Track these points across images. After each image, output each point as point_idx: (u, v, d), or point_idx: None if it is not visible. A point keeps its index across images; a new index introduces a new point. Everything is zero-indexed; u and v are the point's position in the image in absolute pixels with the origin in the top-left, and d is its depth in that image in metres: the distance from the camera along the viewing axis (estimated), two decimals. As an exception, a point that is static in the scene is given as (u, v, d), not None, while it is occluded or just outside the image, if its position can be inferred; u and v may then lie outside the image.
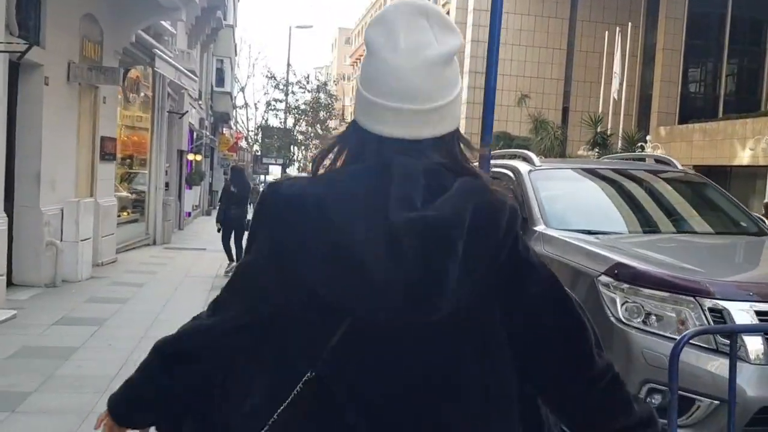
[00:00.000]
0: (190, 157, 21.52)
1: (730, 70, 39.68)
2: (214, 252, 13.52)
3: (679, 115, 40.05)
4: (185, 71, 13.08)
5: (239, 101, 51.36)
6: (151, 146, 14.37)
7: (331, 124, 15.99)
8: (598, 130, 27.25)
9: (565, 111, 43.17)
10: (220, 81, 29.99)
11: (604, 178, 5.35)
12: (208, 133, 25.55)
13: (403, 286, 1.05)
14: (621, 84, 31.34)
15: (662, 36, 39.68)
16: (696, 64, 41.44)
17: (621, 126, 35.03)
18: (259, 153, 36.58)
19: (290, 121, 16.83)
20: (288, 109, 15.94)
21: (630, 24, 31.94)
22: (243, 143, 52.35)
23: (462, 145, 1.28)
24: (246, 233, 12.86)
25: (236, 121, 53.82)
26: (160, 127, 14.66)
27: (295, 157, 15.90)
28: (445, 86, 1.19)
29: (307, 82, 15.77)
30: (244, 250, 1.45)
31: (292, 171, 27.12)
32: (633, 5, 42.17)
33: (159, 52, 10.67)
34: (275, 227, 1.15)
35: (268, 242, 1.17)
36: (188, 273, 10.64)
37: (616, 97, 31.25)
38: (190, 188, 20.74)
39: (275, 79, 16.55)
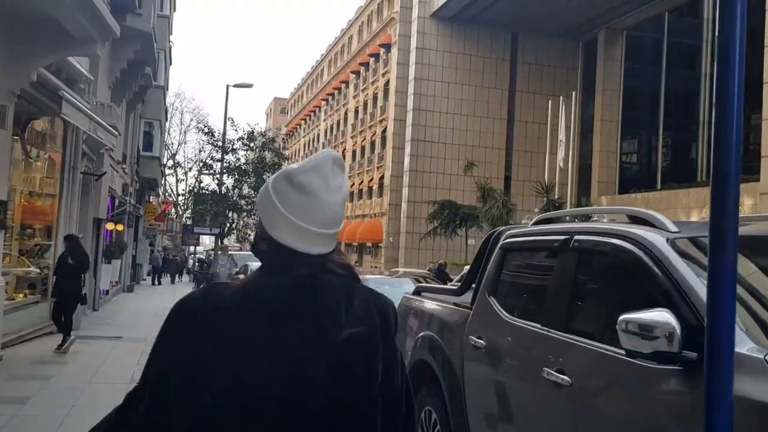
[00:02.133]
0: (110, 226, 19.01)
1: (665, 141, 40.22)
2: (132, 341, 11.12)
3: (618, 184, 40.11)
4: (104, 124, 10.97)
5: (171, 164, 48.85)
6: (59, 213, 12.02)
7: None
8: (548, 198, 26.29)
9: (507, 180, 42.84)
10: (148, 145, 27.71)
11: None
12: (132, 201, 23.09)
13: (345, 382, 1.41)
14: (567, 153, 30.88)
15: (600, 107, 40.08)
16: (633, 135, 41.97)
17: (569, 194, 34.61)
18: (189, 222, 34.06)
19: (230, 183, 14.87)
20: (228, 170, 13.85)
21: (574, 94, 31.72)
22: (172, 212, 49.54)
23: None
24: (79, 305, 10.96)
25: (165, 190, 51.16)
26: (71, 191, 12.37)
27: (234, 224, 13.74)
28: (343, 213, 1.55)
29: (251, 140, 13.75)
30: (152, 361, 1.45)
31: (230, 241, 24.82)
32: (569, 77, 42.73)
33: (67, 95, 8.58)
34: (206, 335, 1.37)
35: (193, 350, 1.36)
36: (93, 377, 8.27)
37: (562, 166, 30.66)
38: (109, 262, 18.15)
39: (213, 134, 14.44)
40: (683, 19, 40.40)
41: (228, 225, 13.13)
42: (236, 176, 13.32)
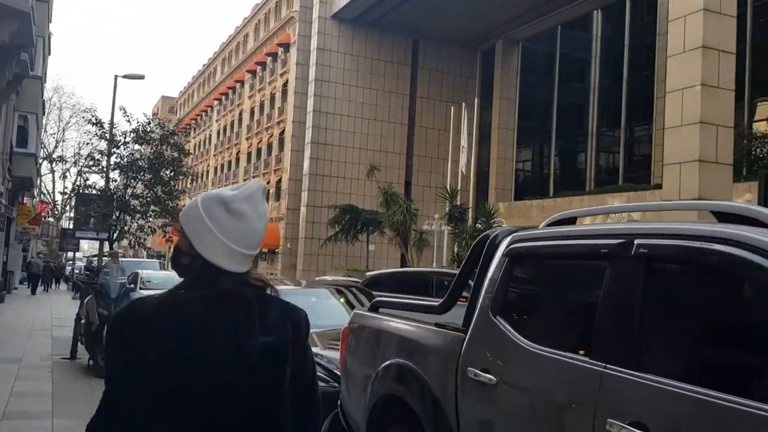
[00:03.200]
0: (-23, 230, 16.77)
1: (558, 150, 41.60)
2: (3, 363, 9.52)
3: (514, 191, 41.05)
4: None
5: (51, 160, 44.87)
6: None
7: (178, 185, 12.50)
8: (452, 203, 26.18)
9: (408, 185, 42.73)
10: (23, 141, 25.10)
11: None
12: (4, 201, 20.65)
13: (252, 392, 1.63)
14: (469, 159, 31.08)
15: (497, 116, 40.85)
16: (528, 143, 43.15)
17: (471, 200, 34.95)
18: (70, 226, 31.20)
19: (121, 181, 12.95)
20: (120, 166, 12.15)
21: (476, 102, 31.98)
22: (48, 214, 45.66)
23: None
24: None
25: (41, 191, 47.05)
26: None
27: (127, 227, 11.95)
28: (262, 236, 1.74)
29: (146, 132, 12.04)
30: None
31: (120, 247, 22.65)
32: (468, 85, 43.33)
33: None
34: (143, 344, 1.57)
35: (133, 357, 1.57)
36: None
37: (464, 172, 30.83)
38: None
39: (102, 125, 12.66)
40: (575, 33, 42.04)
41: (119, 228, 11.63)
42: (130, 173, 11.78)
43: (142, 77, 19.72)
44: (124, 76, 19.10)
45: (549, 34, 41.78)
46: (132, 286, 9.55)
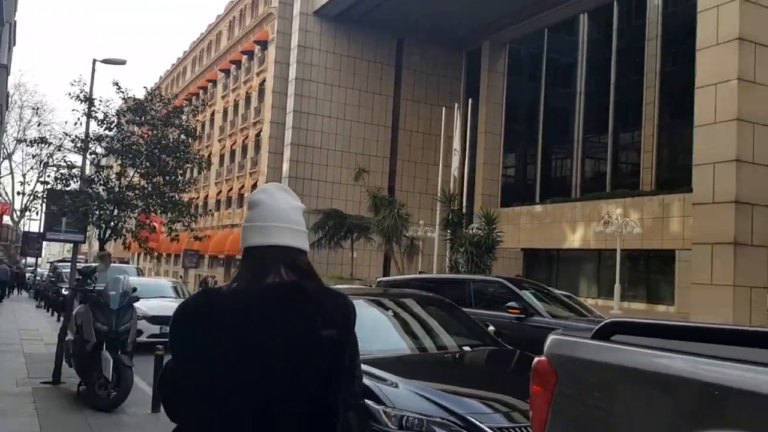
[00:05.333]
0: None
1: (545, 156, 40.60)
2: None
3: (501, 197, 39.87)
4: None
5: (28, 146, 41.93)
6: None
7: (185, 175, 10.60)
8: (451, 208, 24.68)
9: (392, 190, 41.11)
10: (-18, 135, 22.84)
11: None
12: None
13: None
14: (462, 163, 29.70)
15: (484, 120, 39.64)
16: (515, 148, 42.06)
17: (463, 205, 33.41)
18: (32, 229, 28.76)
19: (116, 168, 10.97)
20: (113, 151, 10.11)
21: (469, 102, 30.67)
22: (7, 217, 42.70)
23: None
24: None
25: (-1, 192, 44.12)
26: None
27: (121, 225, 9.92)
28: (302, 221, 1.90)
29: (144, 113, 10.09)
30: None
31: (111, 247, 20.28)
32: (453, 87, 42.11)
33: None
34: (219, 330, 1.71)
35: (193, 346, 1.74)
36: None
37: (456, 176, 29.42)
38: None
39: (93, 103, 10.61)
40: (562, 36, 41.19)
41: (113, 225, 9.70)
42: (126, 159, 9.88)
43: (123, 62, 17.79)
44: (104, 61, 17.15)
45: (536, 36, 40.85)
46: (135, 294, 7.72)
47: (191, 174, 13.23)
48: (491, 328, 6.38)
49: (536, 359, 2.91)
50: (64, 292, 16.91)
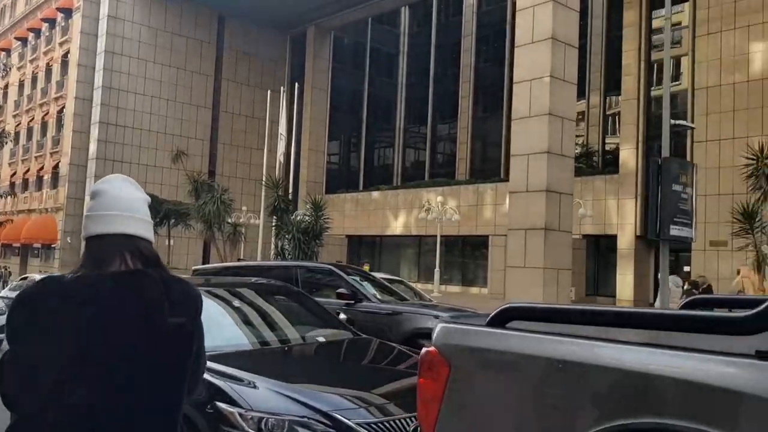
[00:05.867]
0: None
1: (368, 144, 41.33)
2: None
3: (326, 184, 39.91)
4: None
5: None
6: None
7: None
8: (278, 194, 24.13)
9: (212, 174, 39.37)
10: None
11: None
12: None
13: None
14: (288, 148, 29.18)
15: (309, 105, 39.37)
16: (340, 136, 42.27)
17: (300, 189, 32.94)
18: None
19: None
20: None
21: (296, 86, 30.16)
22: None
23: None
24: None
25: None
26: None
27: None
28: (147, 212, 1.91)
29: None
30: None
31: None
32: (278, 71, 41.31)
33: None
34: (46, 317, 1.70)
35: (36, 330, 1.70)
36: None
37: (282, 161, 28.85)
38: None
39: None
40: (385, 27, 42.06)
41: None
42: None
43: None
44: None
45: (361, 25, 41.33)
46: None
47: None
48: (342, 315, 6.12)
49: (424, 350, 2.66)
50: None
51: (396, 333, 7.52)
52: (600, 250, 27.59)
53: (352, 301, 8.17)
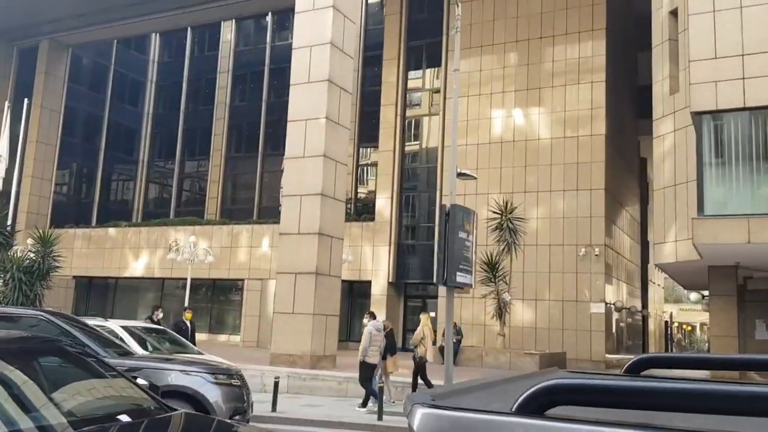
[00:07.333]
0: None
1: (105, 175, 37.44)
2: None
3: (51, 216, 34.94)
4: None
5: None
6: None
7: None
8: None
9: None
10: None
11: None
12: None
13: None
14: (11, 173, 24.84)
15: (36, 127, 34.49)
16: (71, 164, 37.54)
17: (26, 218, 27.86)
18: None
19: None
20: None
21: (26, 102, 26.02)
22: None
23: None
24: None
25: None
26: None
27: None
28: None
29: None
30: None
31: None
32: (1, 84, 35.70)
33: None
34: None
35: None
36: None
37: (0, 189, 24.44)
38: None
39: None
40: (132, 52, 38.95)
41: None
42: None
43: None
44: None
45: (105, 46, 37.74)
46: None
47: None
48: (141, 380, 4.68)
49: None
50: None
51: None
52: (353, 296, 27.93)
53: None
